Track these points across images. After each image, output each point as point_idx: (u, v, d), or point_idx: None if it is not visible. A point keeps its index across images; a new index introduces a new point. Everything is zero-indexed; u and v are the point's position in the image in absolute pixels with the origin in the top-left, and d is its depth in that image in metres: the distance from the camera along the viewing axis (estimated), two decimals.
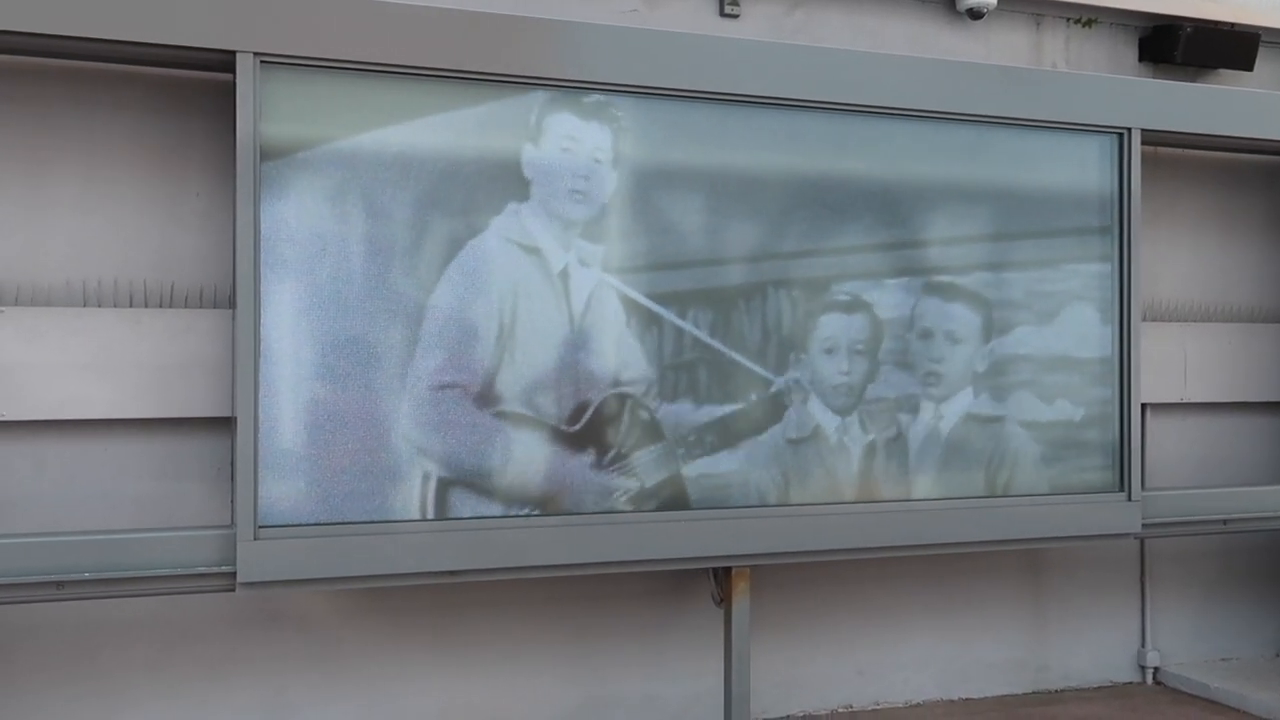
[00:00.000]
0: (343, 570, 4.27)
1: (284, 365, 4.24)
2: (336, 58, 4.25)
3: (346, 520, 4.30)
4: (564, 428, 4.61)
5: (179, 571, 4.12)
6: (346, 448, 4.32)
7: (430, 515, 4.41)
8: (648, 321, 4.71)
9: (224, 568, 4.15)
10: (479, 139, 4.49)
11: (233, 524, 4.23)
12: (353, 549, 4.27)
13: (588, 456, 4.63)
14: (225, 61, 4.16)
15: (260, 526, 4.15)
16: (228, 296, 4.53)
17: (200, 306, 4.56)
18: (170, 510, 4.55)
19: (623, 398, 4.67)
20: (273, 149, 4.20)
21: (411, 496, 4.40)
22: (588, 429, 4.63)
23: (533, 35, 4.52)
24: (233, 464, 4.29)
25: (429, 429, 4.42)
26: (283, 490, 4.23)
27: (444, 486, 4.44)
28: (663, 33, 4.80)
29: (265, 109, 4.17)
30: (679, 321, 4.75)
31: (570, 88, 4.57)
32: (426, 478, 4.42)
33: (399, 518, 4.37)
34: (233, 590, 4.17)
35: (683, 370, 4.76)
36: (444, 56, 4.38)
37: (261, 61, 4.13)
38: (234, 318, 4.21)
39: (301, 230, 4.26)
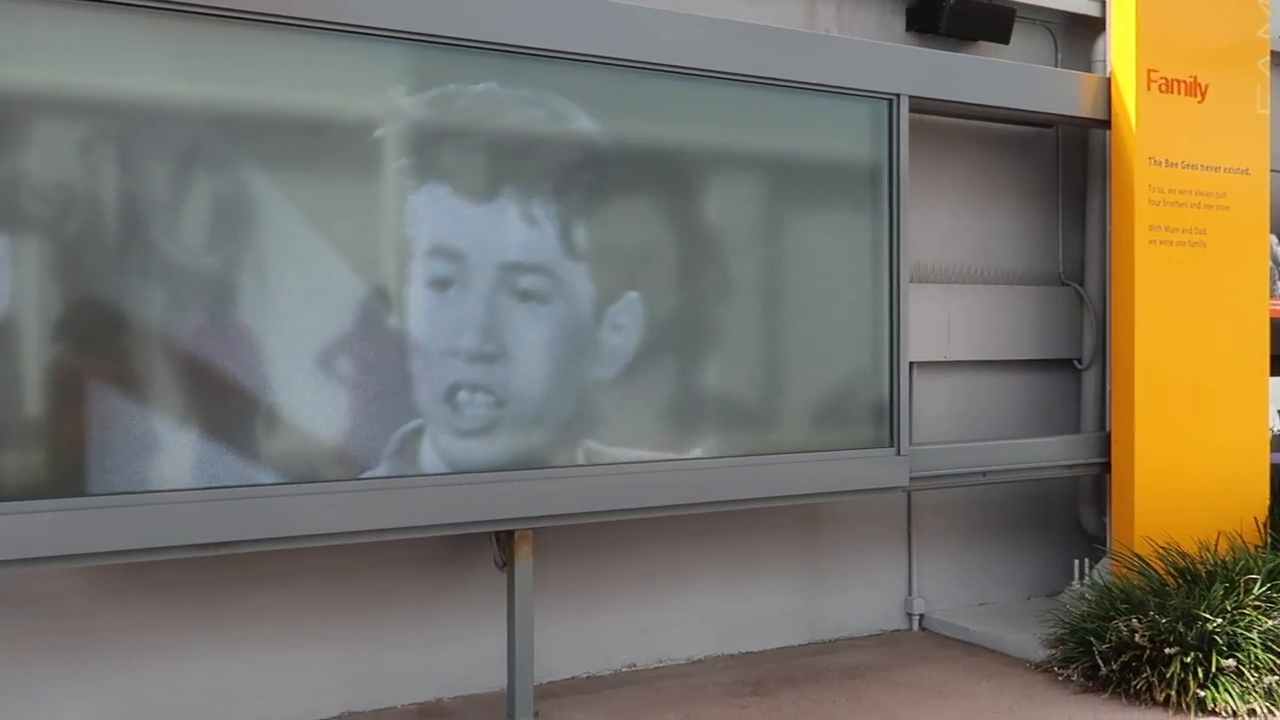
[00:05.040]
0: (90, 546, 3.95)
1: (20, 324, 3.88)
2: None
3: (94, 492, 3.98)
4: (332, 388, 4.41)
5: None
6: (93, 414, 3.99)
7: (188, 485, 4.13)
8: (425, 280, 4.55)
9: None
10: (243, 90, 4.23)
11: None
12: (99, 522, 3.95)
13: (362, 419, 4.45)
14: None
15: None
16: None
17: None
18: None
19: (400, 357, 4.50)
20: None
21: (168, 464, 4.10)
22: (360, 389, 4.44)
23: None
24: None
25: (187, 391, 4.15)
26: (14, 463, 3.88)
27: (204, 453, 4.16)
28: None
29: None
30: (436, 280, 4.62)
31: (335, 30, 4.34)
32: (184, 444, 4.13)
33: (153, 488, 4.07)
34: None
35: (464, 331, 4.62)
36: None
37: None
38: None
39: (29, 178, 3.89)
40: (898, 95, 5.59)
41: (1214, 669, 5.07)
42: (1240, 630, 5.19)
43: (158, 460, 4.09)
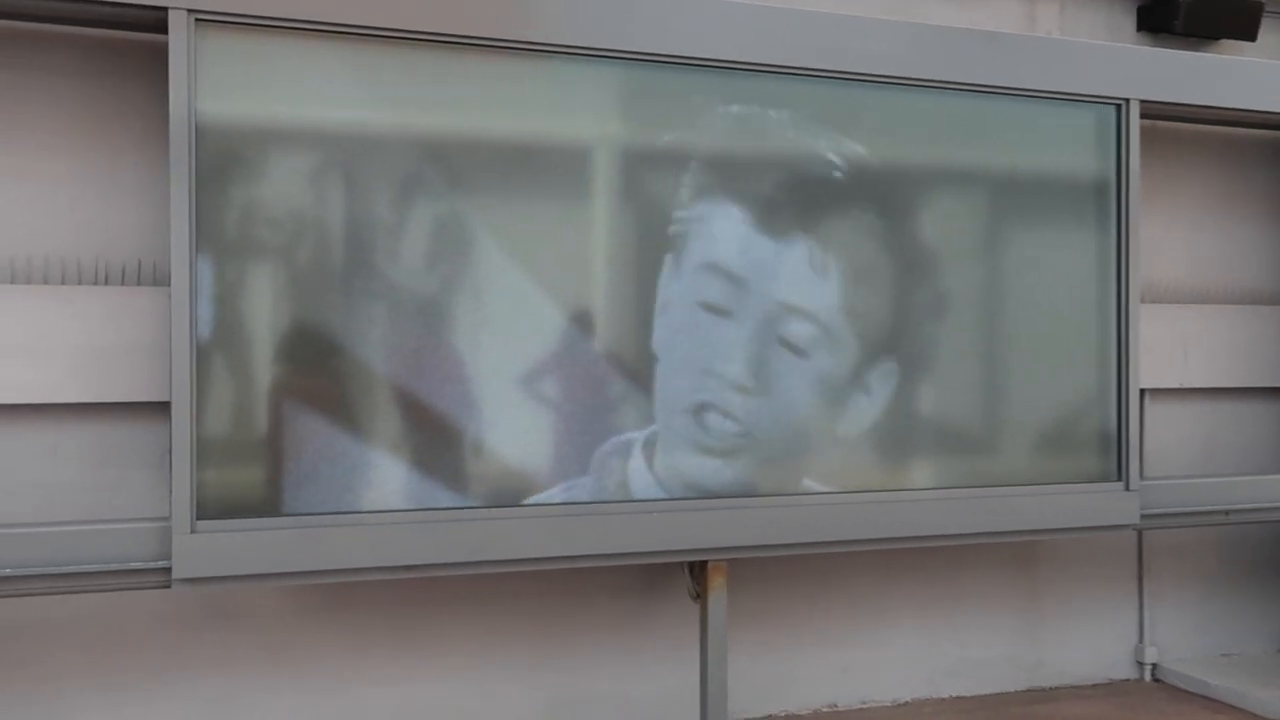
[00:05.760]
0: (290, 565, 4.00)
1: (231, 347, 3.97)
2: (286, 16, 3.96)
3: (296, 512, 4.03)
4: (537, 415, 4.35)
5: (110, 567, 3.85)
6: (300, 435, 4.05)
7: (388, 506, 4.14)
8: (633, 308, 4.47)
9: (160, 563, 3.89)
10: (454, 116, 4.23)
11: (170, 516, 3.96)
12: (302, 542, 4.00)
13: (562, 445, 4.37)
14: (158, 20, 3.88)
15: (199, 519, 3.88)
16: (167, 273, 4.25)
17: (139, 284, 4.29)
18: (111, 501, 4.29)
19: (603, 387, 4.41)
20: (211, 120, 3.91)
21: (369, 486, 4.12)
22: (560, 416, 4.37)
23: None
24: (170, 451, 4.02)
25: (390, 416, 4.16)
26: (226, 479, 3.97)
27: (405, 476, 4.17)
28: None
29: (202, 74, 3.89)
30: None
31: (555, 53, 4.30)
32: (386, 466, 4.15)
33: (353, 509, 4.10)
34: (168, 587, 3.90)
35: (666, 360, 4.50)
36: (418, 17, 4.09)
37: (197, 19, 3.85)
38: (169, 296, 3.93)
39: (247, 207, 3.98)
40: (1127, 100, 5.17)
41: None
42: None
43: (365, 482, 4.12)
